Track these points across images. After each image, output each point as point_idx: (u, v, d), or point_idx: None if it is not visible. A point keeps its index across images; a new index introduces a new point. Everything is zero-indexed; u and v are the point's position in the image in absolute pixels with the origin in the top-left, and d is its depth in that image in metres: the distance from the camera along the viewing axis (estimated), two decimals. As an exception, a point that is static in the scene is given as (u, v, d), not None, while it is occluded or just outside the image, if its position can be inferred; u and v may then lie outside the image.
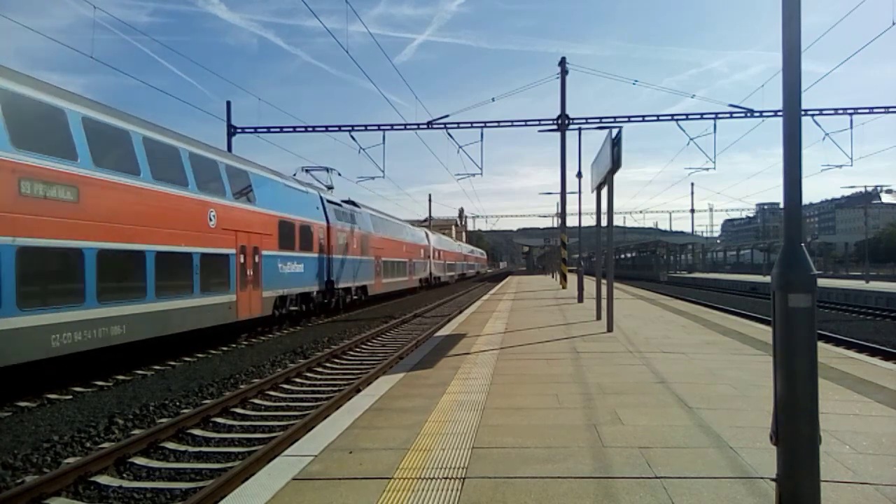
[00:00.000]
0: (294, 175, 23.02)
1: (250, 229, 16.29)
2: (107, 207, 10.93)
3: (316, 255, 21.43)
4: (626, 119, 27.38)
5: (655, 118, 27.77)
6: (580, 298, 20.57)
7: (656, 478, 3.86)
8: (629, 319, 14.36)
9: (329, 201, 23.82)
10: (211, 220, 14.27)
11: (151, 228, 12.05)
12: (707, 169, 30.86)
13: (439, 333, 12.93)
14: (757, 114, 26.36)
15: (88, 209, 10.44)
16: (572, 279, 29.22)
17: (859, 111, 26.38)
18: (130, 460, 6.62)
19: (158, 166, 12.55)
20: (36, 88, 9.85)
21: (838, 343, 14.25)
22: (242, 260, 15.76)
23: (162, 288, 12.26)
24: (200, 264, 13.71)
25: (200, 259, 13.71)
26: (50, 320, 9.52)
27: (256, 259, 16.53)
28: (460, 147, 27.46)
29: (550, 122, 27.37)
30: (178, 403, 9.28)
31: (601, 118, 27.26)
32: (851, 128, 26.22)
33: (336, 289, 23.83)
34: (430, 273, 47.17)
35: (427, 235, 47.57)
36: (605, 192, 12.47)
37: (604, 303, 12.79)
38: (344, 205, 26.38)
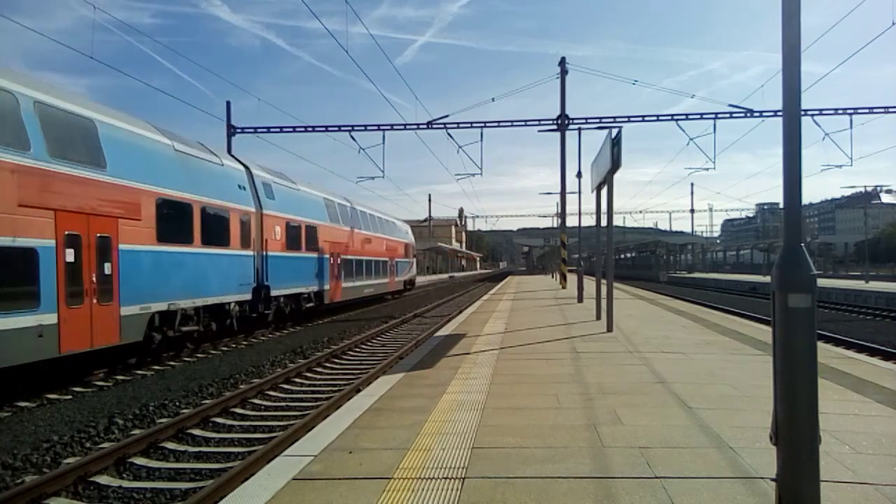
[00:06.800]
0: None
1: (94, 210, 10.73)
2: None
3: (238, 251, 16.08)
4: (626, 119, 27.37)
5: (655, 118, 27.76)
6: (580, 298, 20.57)
7: (656, 478, 3.86)
8: (629, 319, 14.36)
9: (261, 177, 18.09)
10: None
11: None
12: (707, 169, 30.75)
13: (439, 333, 12.93)
14: (757, 114, 26.35)
15: None
16: (572, 279, 29.23)
17: (859, 111, 26.36)
18: (130, 460, 6.62)
19: None
20: None
21: (838, 343, 14.24)
22: (73, 258, 10.16)
23: None
24: None
25: None
26: None
27: (109, 256, 11.05)
28: (460, 147, 27.45)
29: (550, 122, 27.37)
30: (177, 403, 9.28)
31: (601, 118, 27.26)
32: (851, 128, 26.20)
33: (273, 297, 18.02)
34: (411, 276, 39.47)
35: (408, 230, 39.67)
36: (604, 192, 12.48)
37: (603, 303, 12.79)
38: (286, 185, 20.05)
